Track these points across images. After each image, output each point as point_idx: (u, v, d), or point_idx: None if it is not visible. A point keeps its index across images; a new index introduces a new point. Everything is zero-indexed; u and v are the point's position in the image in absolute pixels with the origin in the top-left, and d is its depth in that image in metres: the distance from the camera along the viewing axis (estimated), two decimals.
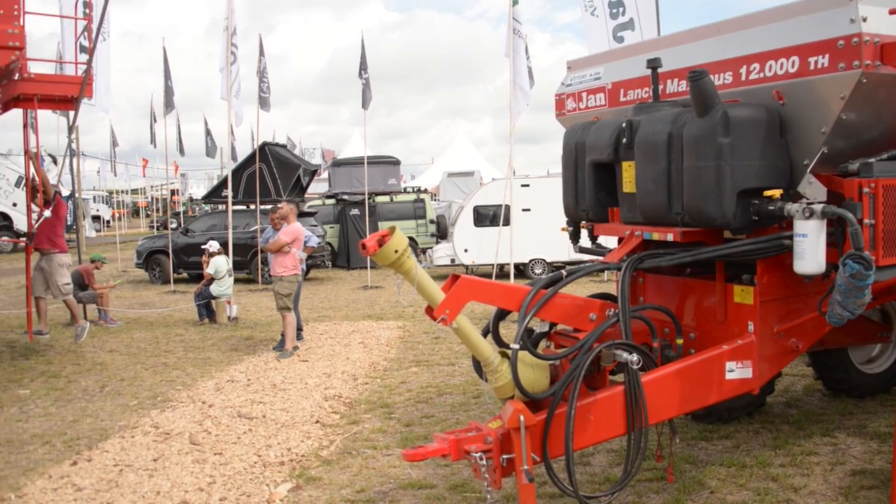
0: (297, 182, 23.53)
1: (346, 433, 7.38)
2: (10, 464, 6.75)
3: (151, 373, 10.33)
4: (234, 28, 16.71)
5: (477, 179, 35.05)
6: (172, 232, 22.65)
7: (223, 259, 14.86)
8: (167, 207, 43.24)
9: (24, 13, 9.11)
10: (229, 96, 16.67)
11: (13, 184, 35.41)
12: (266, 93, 20.78)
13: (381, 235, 4.28)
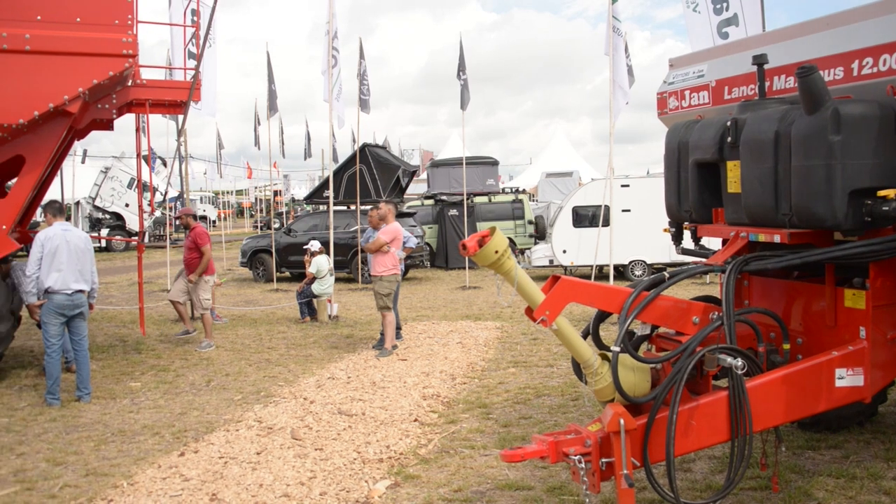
0: (397, 183, 23.77)
1: (444, 432, 7.42)
2: (123, 452, 7.02)
3: (255, 368, 10.60)
4: (335, 32, 17.00)
5: (576, 180, 34.78)
6: (275, 232, 23.19)
7: (324, 258, 15.13)
8: (270, 208, 44.26)
9: (136, 22, 9.48)
10: (331, 99, 16.96)
11: (125, 185, 36.87)
12: (366, 95, 21.06)
13: (482, 236, 4.29)
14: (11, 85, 8.77)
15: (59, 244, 8.67)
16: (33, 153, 9.28)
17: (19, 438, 7.49)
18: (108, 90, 10.15)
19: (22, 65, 8.82)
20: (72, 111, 9.20)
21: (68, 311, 8.75)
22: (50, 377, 8.75)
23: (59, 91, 8.97)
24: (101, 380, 9.85)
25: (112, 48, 9.16)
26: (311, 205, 29.00)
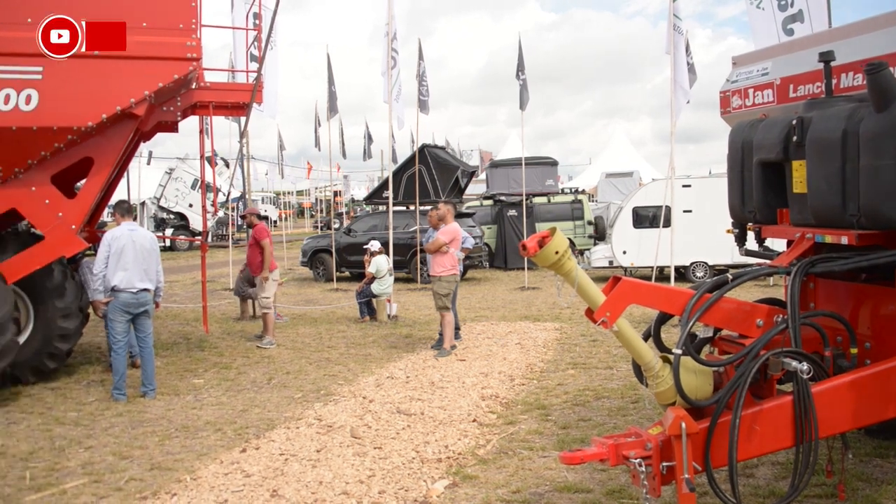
0: (456, 183, 23.81)
1: (502, 433, 7.40)
2: (186, 448, 7.15)
3: (315, 367, 10.71)
4: (394, 33, 17.10)
5: (636, 180, 34.40)
6: (335, 232, 23.39)
7: (384, 258, 15.22)
8: (330, 208, 44.64)
9: (200, 27, 9.66)
10: (390, 100, 17.07)
11: (189, 186, 37.57)
12: (425, 96, 21.12)
13: (542, 237, 4.27)
14: (81, 89, 9.00)
15: (126, 244, 8.87)
16: (101, 155, 9.51)
17: (87, 432, 7.69)
18: (173, 93, 10.36)
19: (91, 69, 9.04)
20: (138, 114, 9.40)
21: (133, 308, 8.95)
22: (116, 373, 8.97)
23: (126, 94, 9.17)
24: (166, 376, 10.05)
25: (177, 52, 9.35)
26: (370, 205, 29.20)
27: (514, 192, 25.53)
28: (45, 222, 9.36)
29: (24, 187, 9.22)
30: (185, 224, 37.59)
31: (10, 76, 8.72)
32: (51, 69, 8.85)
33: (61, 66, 8.88)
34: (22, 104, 8.75)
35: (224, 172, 36.12)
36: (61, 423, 8.05)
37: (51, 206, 9.32)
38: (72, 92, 8.96)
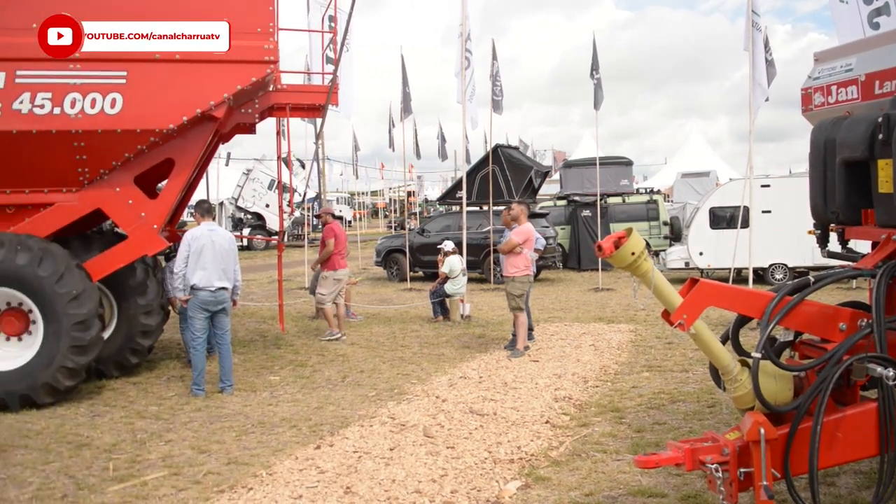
0: (529, 183, 23.72)
1: (575, 435, 7.35)
2: (262, 443, 7.27)
3: (389, 366, 10.79)
4: (467, 33, 17.10)
5: (713, 180, 33.86)
6: (409, 232, 23.53)
7: (457, 258, 15.24)
8: (404, 208, 44.93)
9: (277, 30, 9.81)
10: (464, 100, 17.08)
11: (266, 186, 38.26)
12: (499, 96, 21.08)
13: (618, 237, 4.23)
14: (163, 92, 9.23)
15: (205, 244, 9.08)
16: (182, 156, 9.74)
17: (167, 426, 7.89)
18: (251, 95, 10.55)
19: (172, 73, 9.27)
20: (217, 116, 9.60)
21: (212, 306, 9.15)
22: (195, 369, 9.18)
23: (206, 97, 9.37)
24: (243, 373, 10.24)
25: (255, 55, 9.51)
26: (444, 205, 29.31)
27: (588, 193, 25.33)
28: (129, 222, 9.63)
29: (108, 188, 9.50)
30: (262, 224, 38.29)
31: (96, 81, 9.00)
32: (134, 73, 9.11)
33: (144, 70, 9.14)
34: (107, 108, 9.02)
35: (300, 173, 36.67)
36: (143, 417, 8.28)
37: (134, 207, 9.59)
38: (154, 95, 9.20)
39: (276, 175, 24.91)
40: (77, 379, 8.92)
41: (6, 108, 8.82)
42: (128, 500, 5.85)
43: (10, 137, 8.86)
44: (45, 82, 8.89)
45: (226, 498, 5.85)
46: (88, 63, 8.96)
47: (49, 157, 9.13)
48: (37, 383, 8.57)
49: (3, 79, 8.81)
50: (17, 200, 9.40)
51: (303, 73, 16.95)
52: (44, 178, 9.33)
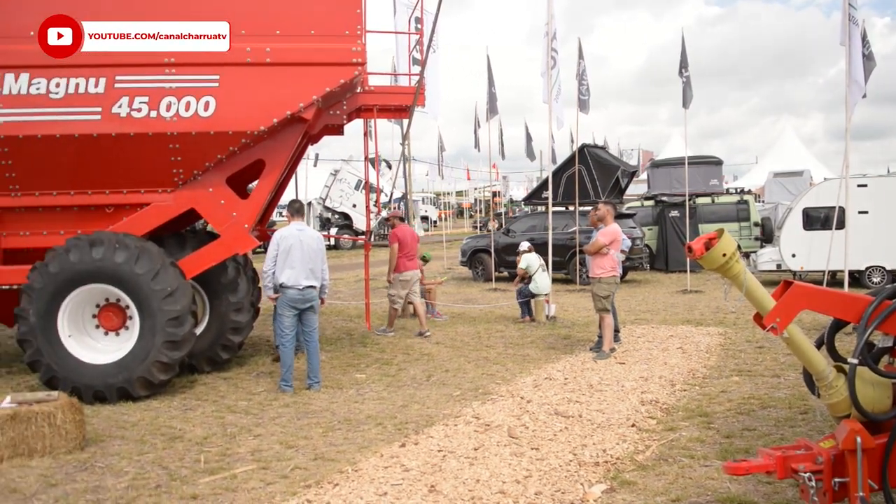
0: (616, 183, 23.46)
1: (662, 439, 7.23)
2: (348, 440, 7.36)
3: (473, 366, 10.80)
4: (553, 33, 17.00)
5: (806, 179, 32.90)
6: (494, 232, 23.53)
7: (535, 256, 15.22)
8: (489, 208, 44.95)
9: (365, 32, 9.93)
10: (550, 100, 16.98)
11: (353, 187, 38.78)
12: (585, 95, 20.92)
13: (709, 238, 4.15)
14: (254, 95, 9.44)
15: (293, 243, 9.23)
16: (272, 157, 9.95)
17: (256, 421, 8.06)
18: (339, 97, 10.70)
19: (263, 76, 9.48)
20: (306, 117, 9.77)
21: (300, 304, 9.30)
22: (283, 365, 9.36)
23: (296, 99, 9.55)
24: (329, 370, 10.39)
25: (343, 57, 9.66)
26: (529, 206, 29.22)
27: (676, 193, 24.93)
28: (221, 221, 9.88)
29: (201, 188, 9.78)
30: (349, 223, 38.82)
31: (190, 85, 9.28)
32: (227, 77, 9.35)
33: (236, 73, 9.37)
34: (201, 111, 9.28)
35: (386, 174, 37.11)
36: (233, 411, 8.48)
37: (226, 206, 9.84)
38: (246, 98, 9.43)
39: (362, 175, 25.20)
40: (171, 373, 9.19)
41: (106, 111, 9.17)
42: (218, 492, 6.00)
43: (110, 140, 9.21)
44: (142, 87, 9.21)
45: (312, 493, 5.94)
46: (183, 67, 9.25)
47: (146, 159, 9.44)
48: (133, 376, 8.86)
49: (104, 84, 9.16)
50: (116, 200, 9.76)
51: (390, 75, 17.12)
52: (141, 179, 9.66)
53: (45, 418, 6.89)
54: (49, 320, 8.93)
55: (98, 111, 9.17)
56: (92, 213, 9.79)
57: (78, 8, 9.09)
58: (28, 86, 9.10)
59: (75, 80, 9.13)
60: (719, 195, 26.72)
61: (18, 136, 9.14)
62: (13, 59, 9.05)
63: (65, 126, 9.16)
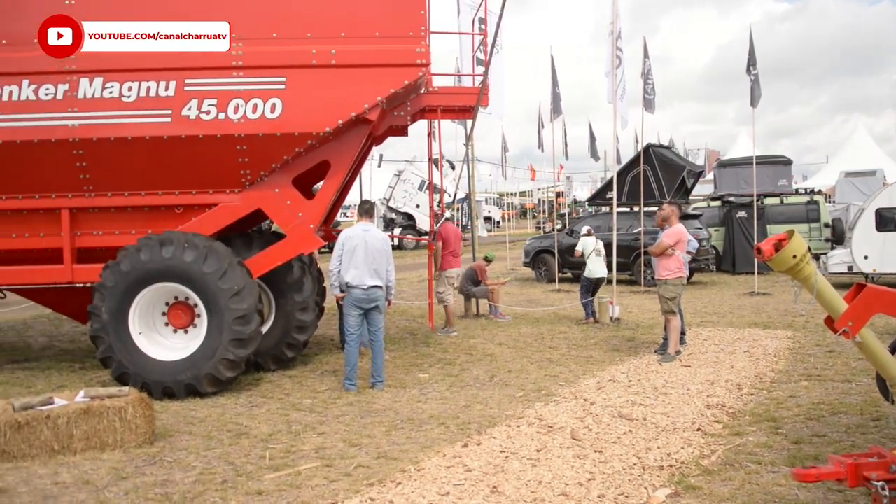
0: (682, 183, 23.13)
1: (728, 444, 7.10)
2: (411, 439, 7.40)
3: (536, 367, 10.76)
4: (618, 32, 16.84)
5: (879, 179, 31.97)
6: (558, 233, 23.40)
7: (591, 240, 15.21)
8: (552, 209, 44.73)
9: (429, 33, 9.97)
10: (615, 99, 16.82)
11: (416, 187, 38.95)
12: (650, 94, 20.66)
13: (778, 239, 4.08)
14: (319, 96, 9.55)
15: (358, 243, 9.30)
16: (337, 158, 10.05)
17: (320, 419, 8.15)
18: (404, 98, 10.76)
19: (328, 78, 9.58)
20: (371, 119, 9.84)
21: (365, 304, 9.36)
22: (348, 364, 9.43)
23: (360, 100, 9.63)
24: (393, 370, 10.46)
25: (407, 59, 9.71)
26: (593, 206, 29.00)
27: (743, 193, 24.47)
28: (287, 221, 10.02)
29: (268, 189, 9.93)
30: (413, 224, 39.01)
31: (257, 87, 9.43)
32: (293, 79, 9.48)
33: (302, 75, 9.49)
34: (267, 112, 9.43)
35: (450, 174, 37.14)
36: (297, 409, 8.59)
37: (292, 207, 9.97)
38: (311, 100, 9.54)
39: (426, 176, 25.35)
40: (237, 371, 9.35)
41: (176, 114, 9.38)
42: (282, 489, 6.08)
43: (179, 142, 9.41)
44: (210, 89, 9.40)
45: (375, 491, 5.99)
46: (251, 70, 9.41)
47: (214, 160, 9.63)
48: (200, 373, 9.04)
49: (174, 87, 9.37)
50: (185, 201, 9.97)
51: (454, 75, 17.16)
52: (209, 180, 9.85)
53: (116, 413, 7.08)
54: (120, 318, 9.16)
55: (168, 114, 9.39)
56: (162, 214, 10.02)
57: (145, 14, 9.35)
58: (102, 90, 9.36)
59: (146, 84, 9.36)
60: (788, 195, 26.14)
61: (92, 138, 9.41)
62: (88, 64, 9.32)
63: (136, 128, 9.40)
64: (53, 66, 9.28)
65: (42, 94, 9.37)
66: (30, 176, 9.73)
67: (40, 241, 10.06)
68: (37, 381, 10.22)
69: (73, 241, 9.99)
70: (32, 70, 9.34)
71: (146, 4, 9.58)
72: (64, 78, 9.35)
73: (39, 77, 9.35)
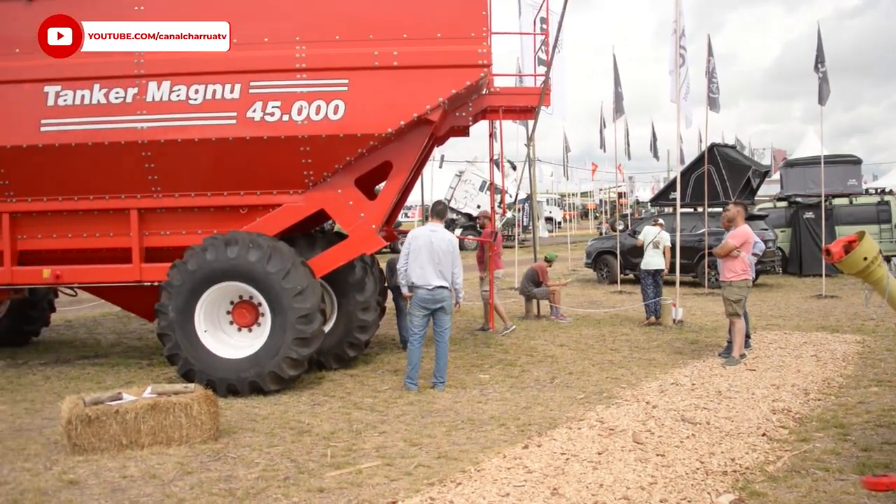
0: (747, 184, 22.72)
1: (794, 450, 6.96)
2: (471, 440, 7.40)
3: (598, 369, 10.68)
4: (682, 30, 16.62)
5: None
6: (619, 234, 23.19)
7: (653, 230, 15.07)
8: (614, 210, 44.32)
9: (490, 34, 9.97)
10: (678, 98, 16.62)
11: (478, 188, 38.94)
12: (715, 93, 20.38)
13: (848, 241, 3.98)
14: (381, 98, 9.62)
15: (423, 244, 9.33)
16: (399, 159, 10.11)
17: (381, 418, 8.21)
18: (465, 99, 10.77)
19: (390, 79, 9.64)
20: (433, 119, 9.88)
21: (430, 304, 9.37)
22: (410, 363, 9.47)
23: (422, 101, 9.67)
24: (453, 370, 10.47)
25: (469, 59, 9.71)
26: (656, 207, 28.67)
27: (811, 193, 23.94)
28: (349, 222, 10.12)
29: (331, 190, 10.04)
30: (474, 224, 38.97)
31: (320, 89, 9.53)
32: (356, 81, 9.56)
33: (365, 77, 9.56)
34: (331, 114, 9.53)
35: (511, 174, 37.04)
36: (359, 408, 8.67)
37: (354, 207, 10.06)
38: (374, 101, 9.61)
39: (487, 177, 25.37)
40: (300, 369, 9.47)
41: (241, 116, 9.54)
42: (343, 487, 6.14)
43: (244, 143, 9.57)
44: (275, 92, 9.54)
45: (435, 490, 6.01)
46: (314, 72, 9.52)
47: (278, 162, 9.77)
48: (264, 371, 9.18)
49: (239, 90, 9.53)
50: (249, 201, 10.14)
51: (515, 76, 17.12)
52: (273, 181, 9.99)
53: (182, 409, 7.23)
54: (187, 316, 9.35)
55: (234, 116, 9.55)
56: (227, 214, 10.21)
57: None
58: (169, 93, 9.57)
59: (212, 87, 9.54)
60: (857, 196, 25.48)
61: (160, 140, 9.63)
62: (157, 68, 9.54)
63: (203, 130, 9.59)
64: (123, 70, 9.53)
65: (112, 97, 9.63)
66: (100, 177, 10.01)
67: (110, 240, 10.34)
68: (106, 376, 10.49)
69: (141, 240, 10.24)
70: (104, 75, 9.60)
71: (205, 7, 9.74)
72: (133, 82, 9.59)
73: (110, 81, 9.61)
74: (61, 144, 9.72)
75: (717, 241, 13.42)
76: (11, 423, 8.29)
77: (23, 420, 8.40)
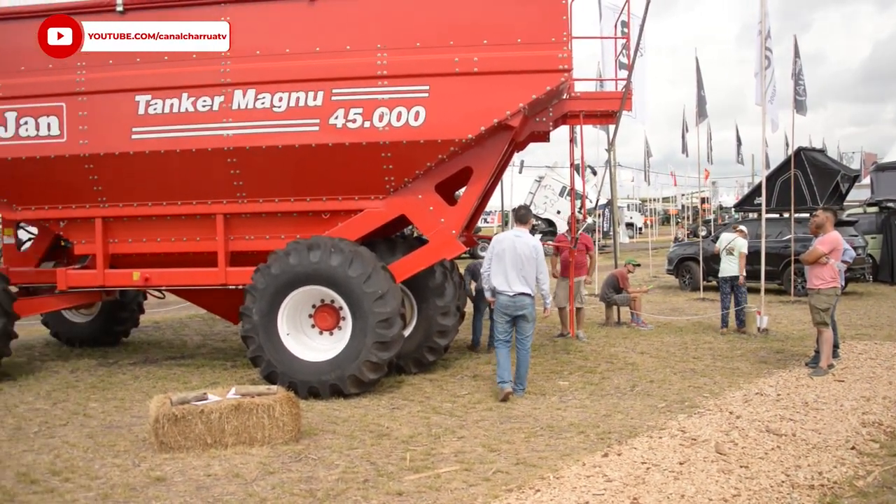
0: (836, 189, 22.07)
1: (886, 465, 6.73)
2: (550, 447, 7.36)
3: (679, 377, 10.51)
4: (767, 31, 16.24)
5: None
6: (702, 240, 22.78)
7: (728, 236, 15.02)
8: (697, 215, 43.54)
9: (570, 39, 9.91)
10: (763, 102, 16.24)
11: (558, 193, 38.75)
12: (801, 96, 19.85)
13: None
14: (462, 103, 9.65)
15: (506, 248, 9.31)
16: (479, 164, 10.13)
17: (460, 423, 8.24)
18: (545, 104, 10.72)
19: (470, 85, 9.65)
20: (513, 125, 9.86)
21: (511, 311, 9.32)
22: (499, 365, 9.36)
23: (502, 107, 9.66)
24: (533, 376, 10.42)
25: (549, 64, 9.66)
26: (740, 212, 28.09)
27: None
28: (429, 227, 10.19)
29: (411, 195, 10.12)
30: (553, 230, 38.81)
31: (402, 96, 9.62)
32: (436, 87, 9.62)
33: (445, 83, 9.61)
34: (411, 120, 9.61)
35: (591, 180, 36.79)
36: (437, 413, 8.71)
37: (434, 213, 10.13)
38: (454, 107, 9.65)
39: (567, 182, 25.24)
40: (380, 373, 9.56)
41: (323, 123, 9.69)
42: (422, 491, 6.18)
43: (327, 150, 9.72)
44: (356, 98, 9.66)
45: (514, 497, 6.00)
46: (395, 79, 9.61)
47: (359, 167, 9.89)
48: (344, 374, 9.30)
49: (322, 97, 9.69)
50: (331, 207, 10.29)
51: (596, 80, 16.98)
52: (354, 187, 10.13)
53: (265, 410, 7.38)
54: (270, 319, 9.55)
55: (316, 123, 9.71)
56: (310, 219, 10.38)
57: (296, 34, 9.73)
58: (254, 101, 9.79)
59: (296, 94, 9.72)
60: None
61: (246, 147, 9.85)
62: (242, 77, 9.77)
63: (286, 137, 9.77)
64: (210, 79, 9.80)
65: (199, 105, 9.90)
66: (188, 183, 10.30)
67: (196, 244, 10.64)
68: (192, 377, 10.79)
69: (226, 244, 10.50)
70: (191, 84, 9.88)
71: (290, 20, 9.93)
72: (220, 90, 9.85)
73: (197, 90, 9.89)
74: (151, 151, 10.04)
75: (803, 247, 13.06)
76: (102, 420, 8.61)
77: (113, 417, 8.71)
